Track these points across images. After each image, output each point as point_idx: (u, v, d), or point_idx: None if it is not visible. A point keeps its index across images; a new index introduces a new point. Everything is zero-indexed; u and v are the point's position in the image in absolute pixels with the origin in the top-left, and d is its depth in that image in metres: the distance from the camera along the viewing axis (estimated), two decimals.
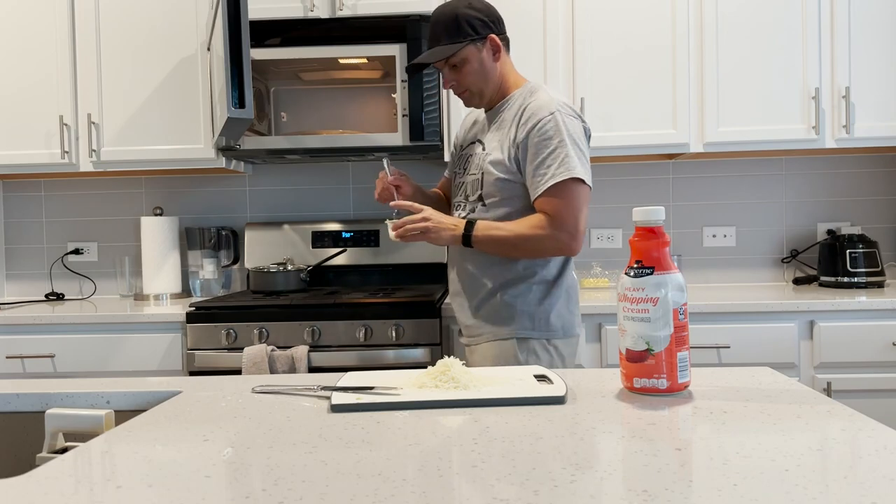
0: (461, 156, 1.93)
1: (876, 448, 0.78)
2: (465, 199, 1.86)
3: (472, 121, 1.96)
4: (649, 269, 1.02)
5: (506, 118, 1.80)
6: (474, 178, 1.82)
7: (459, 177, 1.89)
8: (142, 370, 2.42)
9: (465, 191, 1.86)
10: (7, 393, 1.14)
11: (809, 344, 2.33)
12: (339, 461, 0.77)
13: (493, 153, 1.79)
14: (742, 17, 2.61)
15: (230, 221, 3.06)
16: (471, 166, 1.85)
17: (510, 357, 1.77)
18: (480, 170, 1.80)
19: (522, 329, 1.79)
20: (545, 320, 1.79)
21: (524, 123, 1.74)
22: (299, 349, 2.28)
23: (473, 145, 1.88)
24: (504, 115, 1.81)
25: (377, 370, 1.27)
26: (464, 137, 1.96)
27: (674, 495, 0.65)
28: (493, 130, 1.82)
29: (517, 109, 1.77)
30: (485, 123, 1.88)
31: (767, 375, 1.15)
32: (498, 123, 1.82)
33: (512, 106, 1.80)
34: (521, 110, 1.76)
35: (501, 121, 1.81)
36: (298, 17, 2.62)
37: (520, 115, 1.75)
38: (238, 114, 2.03)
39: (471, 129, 1.95)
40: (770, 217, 2.96)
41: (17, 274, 3.13)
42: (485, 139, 1.84)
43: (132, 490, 0.71)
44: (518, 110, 1.77)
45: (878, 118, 2.58)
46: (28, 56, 2.74)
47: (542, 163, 1.70)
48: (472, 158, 1.86)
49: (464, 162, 1.90)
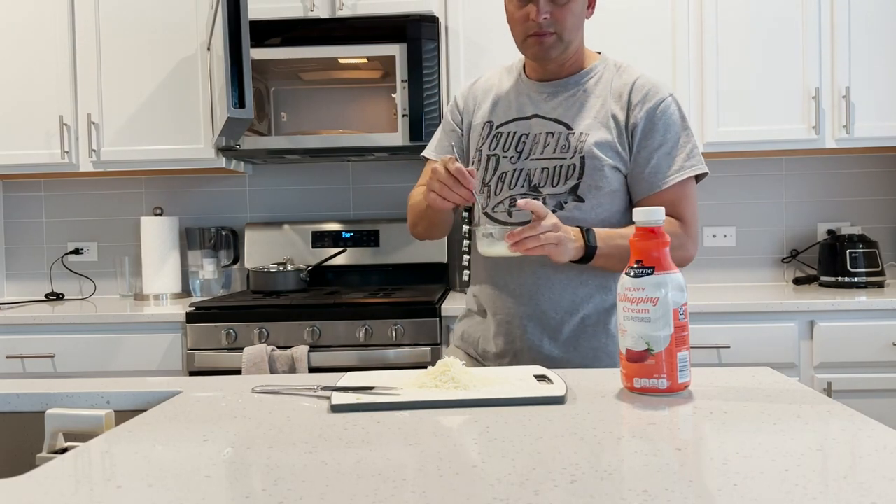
0: (496, 135, 1.53)
1: (876, 448, 0.78)
2: (534, 191, 1.47)
3: (493, 93, 1.58)
4: (649, 269, 1.02)
5: (593, 92, 1.48)
6: (560, 165, 1.44)
7: (510, 162, 1.49)
8: (142, 370, 2.42)
9: (529, 180, 1.47)
10: (7, 393, 1.14)
11: (809, 344, 2.33)
12: (339, 461, 0.77)
13: (594, 132, 1.44)
14: (742, 16, 2.61)
15: (230, 221, 3.06)
16: (545, 149, 1.47)
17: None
18: (577, 153, 1.43)
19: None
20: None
21: (640, 102, 1.44)
22: (299, 349, 2.28)
23: (528, 122, 1.50)
24: (587, 87, 1.49)
25: (377, 370, 1.27)
26: (490, 112, 1.56)
27: (674, 495, 0.65)
28: (572, 106, 1.48)
29: (609, 82, 1.48)
30: (537, 96, 1.52)
31: (767, 375, 1.15)
32: (575, 97, 1.48)
33: (598, 78, 1.50)
34: (627, 86, 1.46)
35: (584, 95, 1.48)
36: (298, 17, 2.62)
37: (627, 92, 1.46)
38: (238, 114, 2.03)
39: (499, 101, 1.56)
40: (770, 217, 2.96)
41: (17, 274, 3.12)
42: (559, 115, 1.48)
43: (132, 490, 0.71)
44: (615, 84, 1.48)
45: (879, 118, 2.58)
46: (28, 56, 2.74)
47: (669, 153, 1.43)
48: (538, 139, 1.48)
49: (512, 144, 1.51)
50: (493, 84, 1.60)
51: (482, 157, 1.53)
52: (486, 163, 1.52)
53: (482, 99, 1.59)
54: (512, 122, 1.52)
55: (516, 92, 1.55)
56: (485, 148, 1.53)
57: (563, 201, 1.44)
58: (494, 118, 1.54)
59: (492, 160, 1.51)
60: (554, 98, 1.50)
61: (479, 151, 1.54)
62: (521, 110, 1.52)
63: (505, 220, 1.48)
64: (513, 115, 1.52)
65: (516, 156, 1.49)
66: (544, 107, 1.50)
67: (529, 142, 1.48)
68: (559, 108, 1.49)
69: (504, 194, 1.49)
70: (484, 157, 1.53)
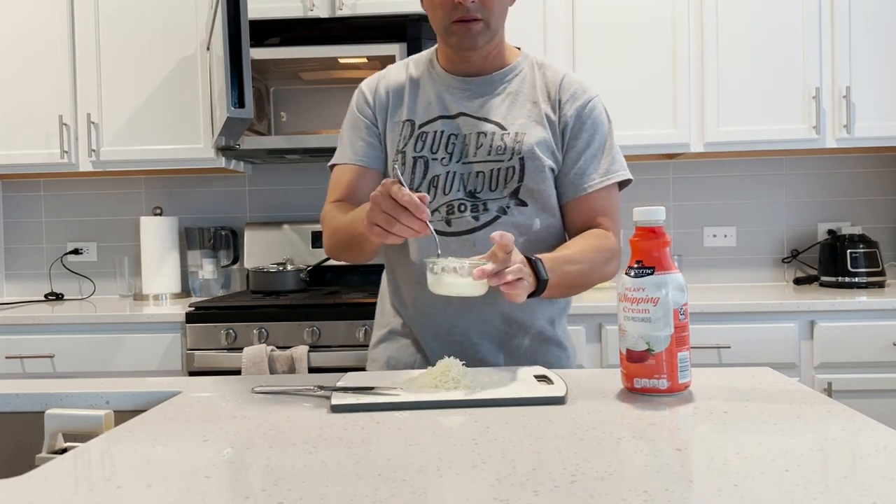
0: (420, 135, 1.39)
1: (876, 448, 0.77)
2: (471, 196, 1.36)
3: (406, 87, 1.43)
4: (650, 269, 1.02)
5: (521, 90, 1.40)
6: (498, 168, 1.35)
7: (441, 165, 1.37)
8: (141, 370, 2.41)
9: (464, 185, 1.36)
10: (6, 393, 1.14)
11: (810, 344, 2.33)
12: (339, 461, 0.77)
13: (530, 132, 1.35)
14: (742, 16, 2.60)
15: (230, 221, 3.06)
16: (478, 151, 1.36)
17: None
18: (515, 154, 1.34)
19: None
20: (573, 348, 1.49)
21: (569, 100, 1.38)
22: (299, 349, 2.28)
23: (454, 121, 1.38)
24: (513, 85, 1.40)
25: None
26: (408, 109, 1.42)
27: (674, 496, 0.65)
28: (501, 105, 1.39)
29: (534, 80, 1.41)
30: (459, 93, 1.40)
31: (768, 375, 1.15)
32: (503, 96, 1.40)
33: (523, 75, 1.41)
34: (554, 84, 1.39)
35: (511, 93, 1.40)
36: (298, 17, 2.62)
37: (555, 90, 1.39)
38: (238, 113, 2.03)
39: (416, 97, 1.42)
40: (770, 217, 2.96)
41: (17, 274, 3.12)
42: (488, 114, 1.38)
43: (132, 490, 0.70)
44: (540, 82, 1.40)
45: (879, 118, 2.58)
46: (27, 56, 2.74)
47: (595, 155, 1.37)
48: (469, 139, 1.36)
49: (441, 145, 1.38)
50: (403, 78, 1.45)
51: (406, 160, 1.38)
52: (412, 166, 1.37)
53: (395, 93, 1.44)
54: (437, 121, 1.39)
55: (434, 86, 1.42)
56: (409, 149, 1.38)
57: (505, 206, 1.34)
58: (415, 116, 1.40)
59: (419, 163, 1.37)
60: (479, 96, 1.40)
61: (402, 153, 1.39)
62: (444, 108, 1.40)
63: (443, 229, 1.34)
64: (436, 113, 1.39)
65: (447, 158, 1.37)
66: (470, 105, 1.39)
67: (460, 143, 1.37)
68: (486, 106, 1.39)
69: (440, 200, 1.35)
70: (409, 160, 1.38)
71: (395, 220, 1.08)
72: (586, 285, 1.33)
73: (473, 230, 1.34)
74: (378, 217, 1.10)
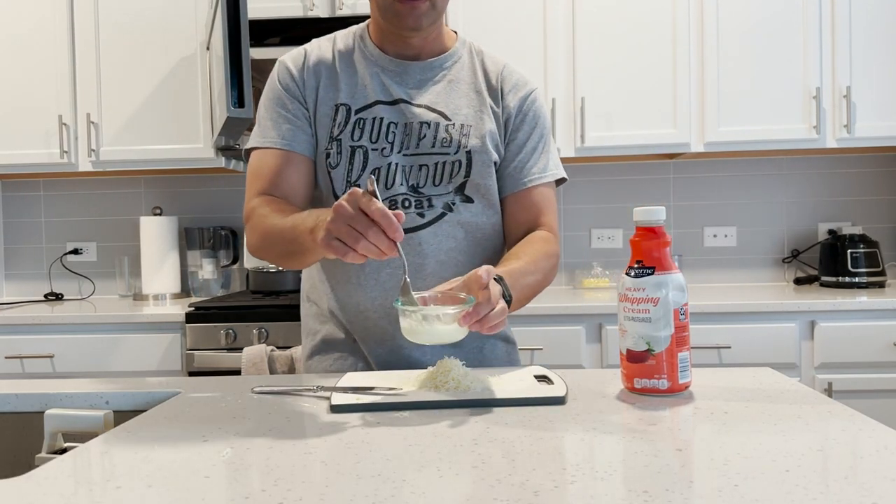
0: (357, 121, 1.27)
1: (877, 448, 0.77)
2: (413, 191, 1.26)
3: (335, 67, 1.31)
4: (650, 269, 1.02)
5: (461, 78, 1.32)
6: (443, 161, 1.26)
7: (381, 156, 1.26)
8: (141, 370, 2.41)
9: (406, 179, 1.26)
10: (6, 393, 1.14)
11: (810, 344, 2.33)
12: (338, 461, 0.77)
13: (476, 124, 1.28)
14: (742, 16, 2.60)
15: (229, 221, 3.06)
16: (421, 142, 1.26)
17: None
18: (461, 147, 1.26)
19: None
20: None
21: (511, 91, 1.32)
22: (299, 349, 2.27)
23: (394, 108, 1.28)
24: (453, 72, 1.32)
25: (377, 370, 1.26)
26: (342, 92, 1.29)
27: (674, 496, 0.65)
28: (442, 93, 1.30)
29: (473, 68, 1.33)
30: (396, 77, 1.30)
31: (768, 376, 1.15)
32: (444, 83, 1.31)
33: (462, 62, 1.33)
34: (495, 74, 1.33)
35: (452, 80, 1.31)
36: (298, 17, 2.62)
37: (496, 79, 1.32)
38: (237, 113, 2.03)
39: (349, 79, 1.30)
40: (771, 217, 2.96)
41: (16, 274, 3.12)
42: (430, 103, 1.29)
43: (131, 490, 0.70)
44: (480, 70, 1.33)
45: (879, 118, 2.58)
46: (27, 56, 2.74)
47: (535, 148, 1.32)
48: (411, 129, 1.26)
49: (381, 134, 1.27)
50: (331, 55, 1.32)
51: (342, 149, 1.26)
52: (349, 156, 1.26)
53: (326, 71, 1.30)
54: (374, 106, 1.27)
55: (368, 67, 1.30)
56: (345, 137, 1.26)
57: (450, 203, 1.26)
58: (350, 100, 1.28)
59: (358, 153, 1.26)
60: (418, 82, 1.30)
61: (338, 141, 1.26)
62: (382, 92, 1.28)
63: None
64: (373, 98, 1.28)
65: (388, 148, 1.26)
66: (410, 92, 1.29)
67: (400, 132, 1.26)
68: (427, 94, 1.29)
69: (381, 195, 1.22)
70: (346, 149, 1.26)
71: (361, 236, 0.95)
72: (538, 293, 1.26)
73: (418, 228, 1.25)
74: (341, 230, 0.96)
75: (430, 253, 1.25)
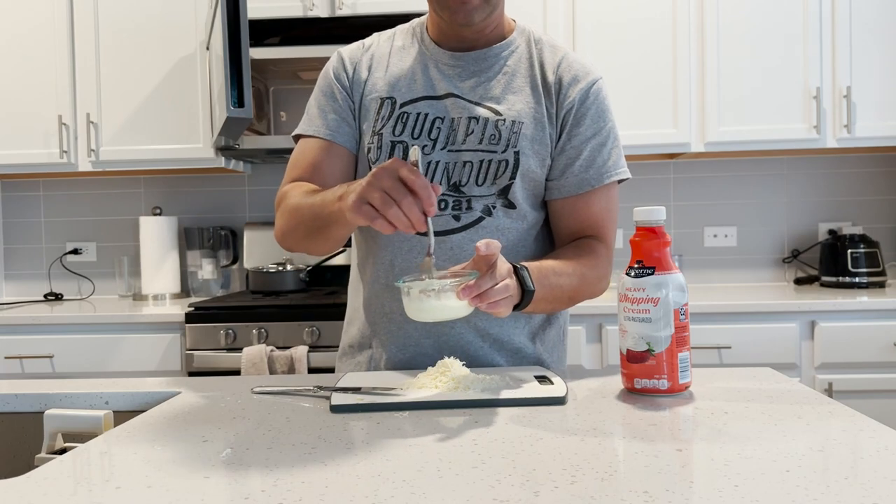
0: (400, 115, 1.22)
1: (877, 449, 0.77)
2: (454, 190, 1.20)
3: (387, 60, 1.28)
4: (650, 269, 1.02)
5: (517, 70, 1.24)
6: (489, 160, 1.19)
7: (423, 152, 1.21)
8: (141, 371, 2.41)
9: (448, 176, 1.20)
10: (6, 393, 1.13)
11: (811, 344, 2.33)
12: (338, 461, 0.77)
13: (528, 121, 1.20)
14: (743, 16, 2.60)
15: (229, 221, 3.06)
16: (468, 138, 1.20)
17: None
18: (510, 146, 1.19)
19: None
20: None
21: (571, 83, 1.22)
22: (298, 349, 2.27)
23: (441, 102, 1.22)
24: (509, 63, 1.24)
25: (377, 370, 1.26)
26: (388, 85, 1.25)
27: (675, 496, 0.65)
28: (496, 87, 1.23)
29: (530, 58, 1.25)
30: (448, 70, 1.24)
31: (768, 376, 1.15)
32: (498, 75, 1.24)
33: (519, 52, 1.25)
34: (553, 64, 1.24)
35: (507, 72, 1.24)
36: (298, 17, 2.62)
37: (553, 70, 1.23)
38: (237, 113, 2.03)
39: (398, 72, 1.26)
40: (771, 217, 2.96)
41: (16, 274, 3.12)
42: (481, 97, 1.22)
43: (131, 491, 0.70)
44: (538, 61, 1.24)
45: (880, 118, 2.58)
46: (27, 55, 2.74)
47: (604, 144, 1.22)
48: (458, 124, 1.20)
49: (424, 129, 1.21)
50: (386, 50, 1.29)
51: (383, 143, 1.22)
52: (389, 150, 1.21)
53: (376, 66, 1.27)
54: (420, 101, 1.22)
55: (421, 60, 1.26)
56: (387, 132, 1.22)
57: (490, 206, 1.19)
58: (396, 94, 1.23)
59: (398, 148, 1.21)
60: (472, 75, 1.23)
61: (379, 136, 1.22)
62: (430, 87, 1.23)
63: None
64: (420, 93, 1.23)
65: (430, 144, 1.20)
66: (461, 85, 1.23)
67: (446, 128, 1.21)
68: (480, 87, 1.23)
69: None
70: (386, 143, 1.21)
71: (394, 202, 0.91)
72: (573, 300, 1.19)
73: (452, 232, 1.20)
74: (374, 196, 0.92)
75: (462, 259, 1.15)
